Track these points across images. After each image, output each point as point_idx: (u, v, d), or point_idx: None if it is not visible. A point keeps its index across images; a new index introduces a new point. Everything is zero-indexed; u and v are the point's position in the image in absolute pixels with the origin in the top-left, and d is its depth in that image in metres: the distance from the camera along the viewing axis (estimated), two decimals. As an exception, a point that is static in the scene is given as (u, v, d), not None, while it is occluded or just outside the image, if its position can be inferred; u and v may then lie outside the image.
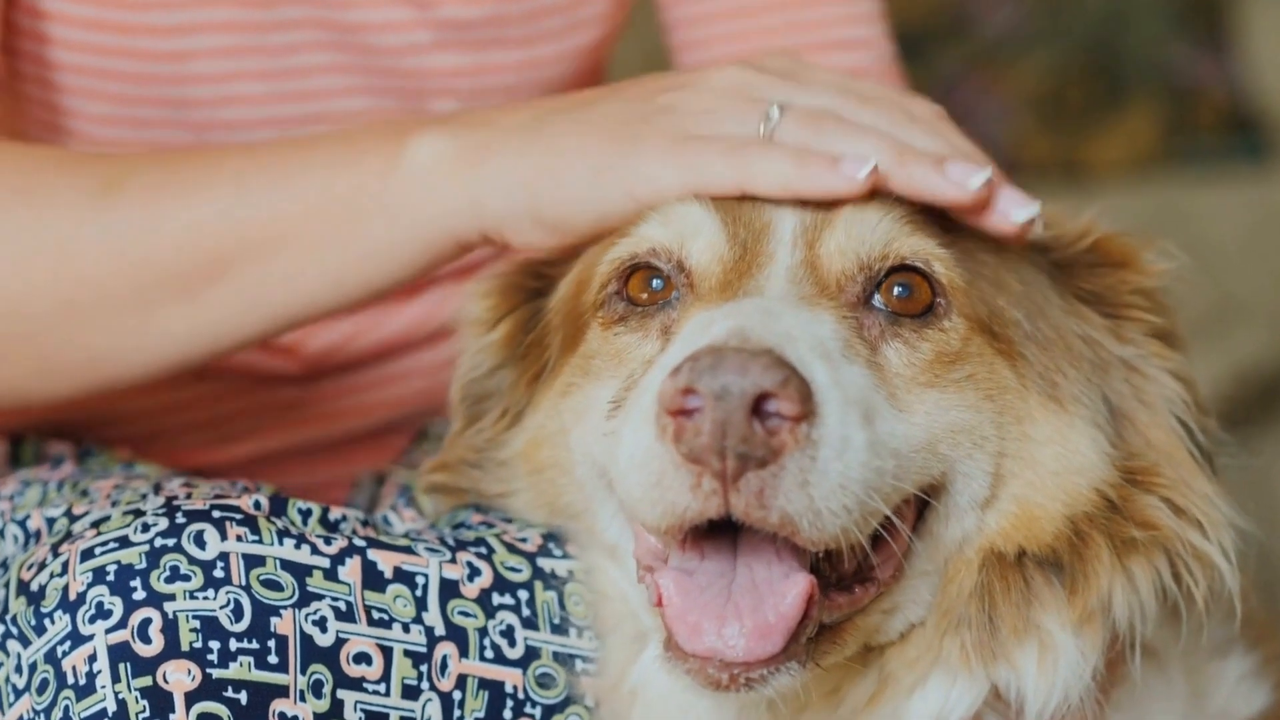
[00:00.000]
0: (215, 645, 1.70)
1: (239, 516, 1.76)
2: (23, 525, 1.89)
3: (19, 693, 1.72)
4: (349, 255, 1.88)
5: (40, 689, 1.71)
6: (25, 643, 1.73)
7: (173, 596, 1.70)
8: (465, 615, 1.80)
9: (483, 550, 1.84)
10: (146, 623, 1.69)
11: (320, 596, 1.75)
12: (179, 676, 1.68)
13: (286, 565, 1.75)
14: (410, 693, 1.76)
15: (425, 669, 1.77)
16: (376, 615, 1.76)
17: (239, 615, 1.71)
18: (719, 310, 1.69)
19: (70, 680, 1.69)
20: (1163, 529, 1.77)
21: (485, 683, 1.79)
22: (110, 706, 1.68)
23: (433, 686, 1.77)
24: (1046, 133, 4.62)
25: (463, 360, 1.98)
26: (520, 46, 2.27)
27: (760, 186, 1.77)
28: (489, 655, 1.80)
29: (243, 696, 1.69)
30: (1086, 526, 1.76)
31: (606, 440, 1.74)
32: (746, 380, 1.56)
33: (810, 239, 1.76)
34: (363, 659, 1.75)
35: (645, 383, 1.70)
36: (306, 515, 1.82)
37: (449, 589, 1.80)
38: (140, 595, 1.70)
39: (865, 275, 1.76)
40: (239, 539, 1.74)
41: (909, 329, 1.75)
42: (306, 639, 1.73)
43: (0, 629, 1.76)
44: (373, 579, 1.78)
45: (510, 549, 1.86)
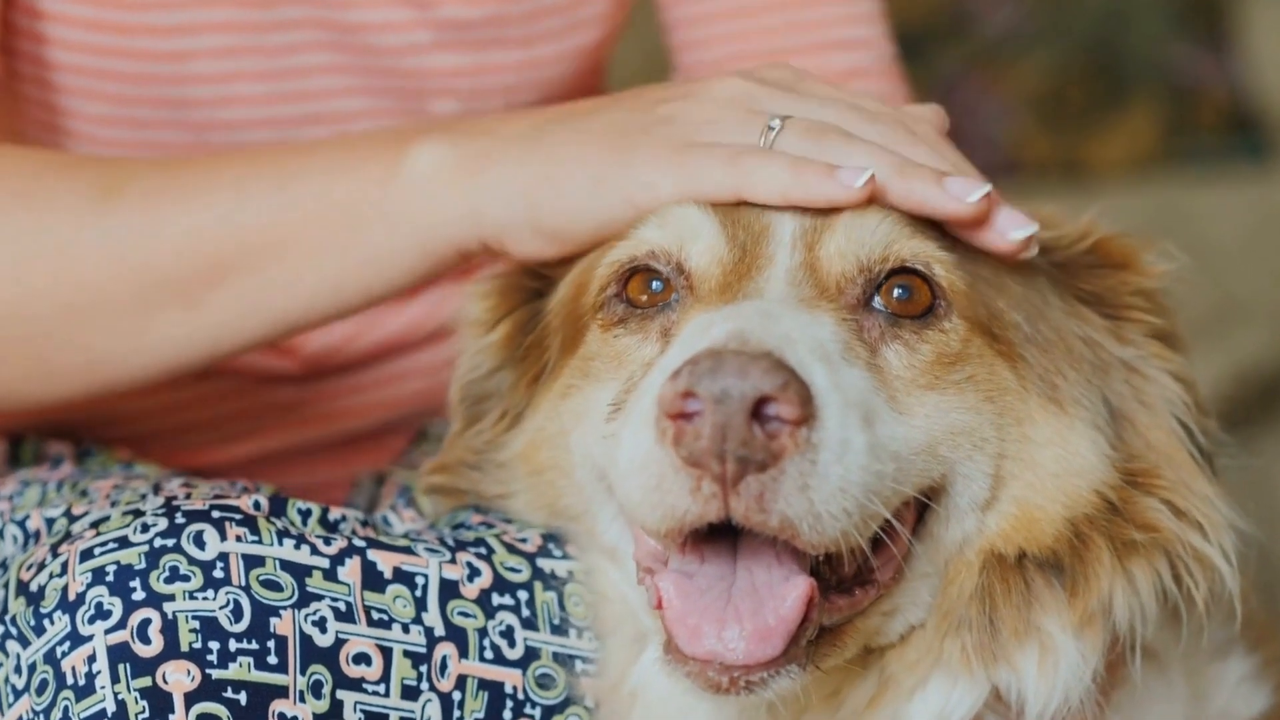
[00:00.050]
0: (215, 646, 1.70)
1: (238, 517, 1.76)
2: (22, 525, 1.89)
3: (18, 693, 1.72)
4: (348, 262, 1.87)
5: (39, 689, 1.71)
6: (25, 643, 1.73)
7: (172, 597, 1.70)
8: (465, 616, 1.80)
9: (482, 550, 1.84)
10: (146, 623, 1.69)
11: (320, 597, 1.75)
12: (178, 677, 1.68)
13: (286, 566, 1.75)
14: (410, 693, 1.76)
15: (425, 669, 1.77)
16: (376, 616, 1.76)
17: (238, 616, 1.71)
18: (718, 313, 1.69)
19: (70, 681, 1.69)
20: (1163, 531, 1.77)
21: (485, 683, 1.79)
22: (110, 707, 1.68)
23: (432, 687, 1.77)
24: (1047, 132, 4.61)
25: (462, 361, 1.97)
26: (520, 47, 2.27)
27: (758, 194, 1.76)
28: (489, 656, 1.80)
29: (242, 697, 1.69)
30: (1087, 528, 1.76)
31: (606, 443, 1.74)
32: (746, 384, 1.56)
33: (810, 241, 1.76)
34: (362, 659, 1.75)
35: (645, 385, 1.70)
36: (306, 515, 1.82)
37: (449, 589, 1.80)
38: (140, 596, 1.70)
39: (865, 277, 1.75)
40: (238, 539, 1.74)
41: (909, 330, 1.75)
42: (306, 639, 1.73)
43: (0, 629, 1.76)
44: (372, 579, 1.78)
45: (510, 549, 1.85)
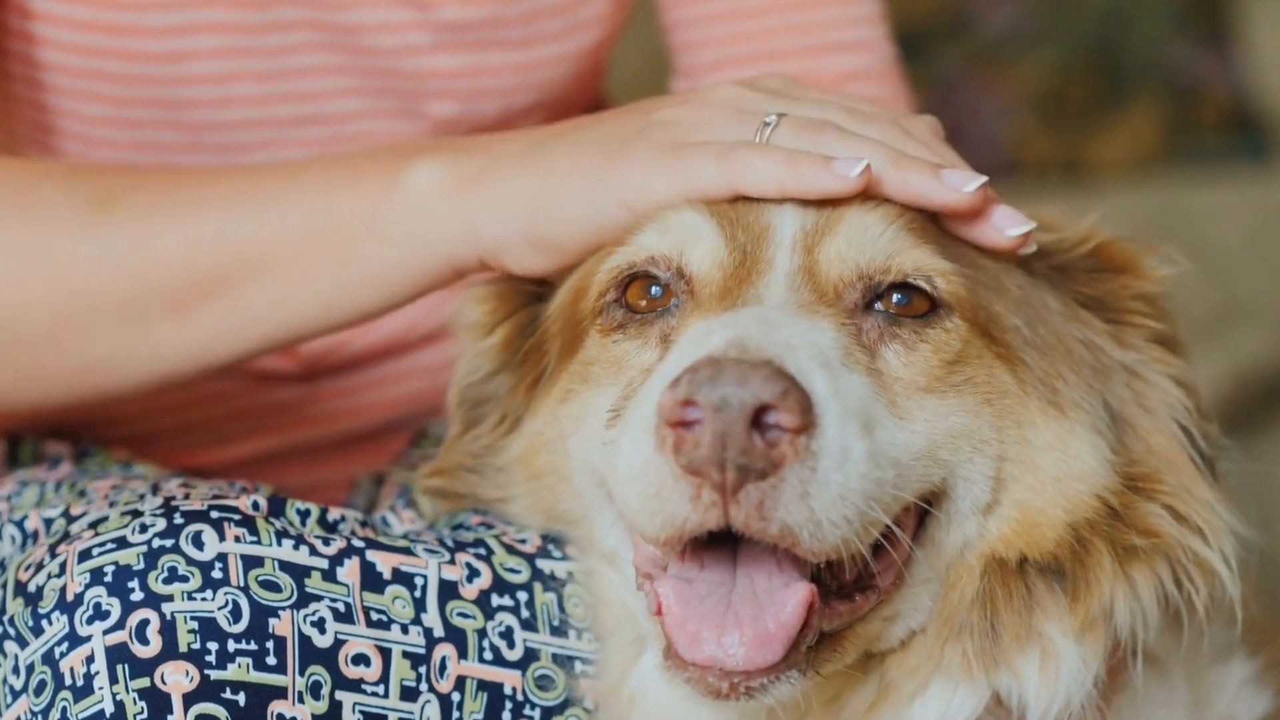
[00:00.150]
0: (213, 646, 1.70)
1: (237, 517, 1.76)
2: (20, 526, 1.89)
3: (16, 694, 1.72)
4: (344, 278, 1.88)
5: (38, 690, 1.71)
6: (23, 644, 1.73)
7: (171, 597, 1.70)
8: (464, 616, 1.80)
9: (482, 551, 1.84)
10: (144, 624, 1.69)
11: (319, 597, 1.74)
12: (177, 678, 1.68)
13: (285, 566, 1.75)
14: (409, 694, 1.76)
15: (424, 670, 1.77)
16: (375, 616, 1.76)
17: (237, 616, 1.71)
18: (718, 320, 1.68)
19: (68, 681, 1.69)
20: (1164, 536, 1.77)
21: (484, 684, 1.79)
22: (108, 708, 1.68)
23: (431, 688, 1.77)
24: (1048, 132, 4.61)
25: (460, 364, 1.97)
26: (519, 48, 2.26)
27: (752, 186, 1.75)
28: (488, 657, 1.80)
29: (241, 698, 1.70)
30: (1088, 533, 1.76)
31: (605, 449, 1.74)
32: (746, 392, 1.55)
33: (809, 244, 1.75)
34: (361, 660, 1.75)
35: (644, 392, 1.70)
36: (305, 516, 1.82)
37: (448, 590, 1.80)
38: (138, 596, 1.70)
39: (865, 285, 1.75)
40: (237, 540, 1.74)
41: (909, 329, 1.75)
42: (305, 640, 1.73)
43: (-1, 630, 1.76)
44: (371, 580, 1.78)
45: (509, 550, 1.85)
